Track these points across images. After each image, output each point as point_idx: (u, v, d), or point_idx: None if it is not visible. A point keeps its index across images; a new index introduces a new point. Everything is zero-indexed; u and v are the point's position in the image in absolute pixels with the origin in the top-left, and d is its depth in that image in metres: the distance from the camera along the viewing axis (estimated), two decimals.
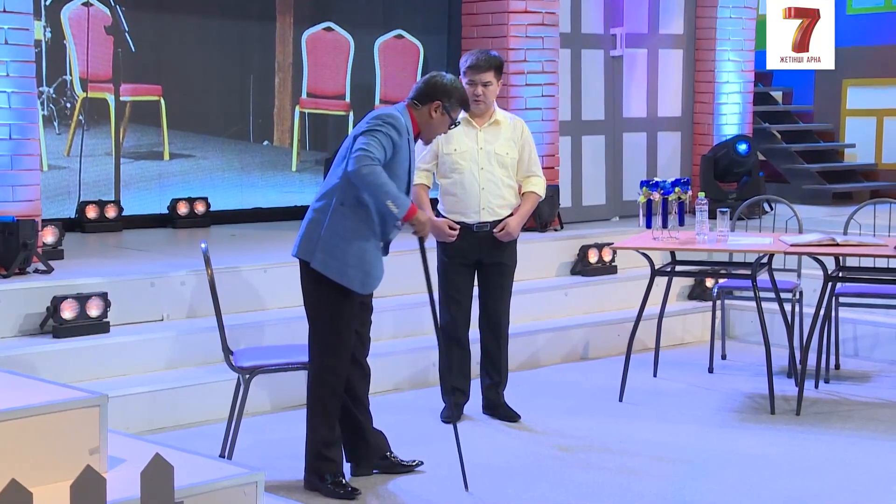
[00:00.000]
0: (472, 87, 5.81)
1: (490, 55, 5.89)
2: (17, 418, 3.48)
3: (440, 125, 5.11)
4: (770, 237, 6.66)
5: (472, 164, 5.87)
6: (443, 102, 5.04)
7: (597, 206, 9.55)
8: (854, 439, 5.80)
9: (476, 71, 5.82)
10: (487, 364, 6.09)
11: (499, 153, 5.91)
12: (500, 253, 5.97)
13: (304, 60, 9.38)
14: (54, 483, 3.38)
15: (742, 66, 10.18)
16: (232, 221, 8.90)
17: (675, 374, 7.11)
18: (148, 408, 5.82)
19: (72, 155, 8.41)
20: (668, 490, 5.01)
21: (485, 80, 5.82)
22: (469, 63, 5.85)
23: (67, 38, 8.34)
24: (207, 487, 3.49)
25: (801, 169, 11.58)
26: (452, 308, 5.96)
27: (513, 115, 6.18)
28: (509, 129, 5.96)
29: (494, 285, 6.02)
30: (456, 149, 5.86)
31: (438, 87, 5.06)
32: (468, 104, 5.20)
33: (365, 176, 4.74)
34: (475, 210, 5.88)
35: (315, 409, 4.94)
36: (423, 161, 5.89)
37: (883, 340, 7.52)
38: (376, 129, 4.83)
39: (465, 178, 5.87)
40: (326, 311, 4.89)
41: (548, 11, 8.71)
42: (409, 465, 5.21)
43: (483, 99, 5.85)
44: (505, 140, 5.94)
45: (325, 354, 4.92)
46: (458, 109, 5.12)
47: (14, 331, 6.03)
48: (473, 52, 5.96)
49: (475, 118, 5.90)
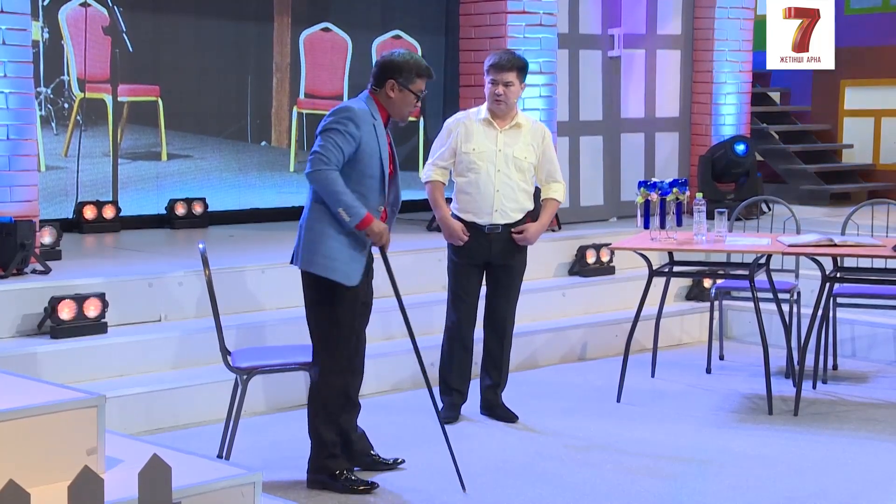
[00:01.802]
0: (493, 86, 5.78)
1: (514, 55, 5.85)
2: (15, 419, 3.48)
3: (403, 103, 4.99)
4: (768, 238, 6.66)
5: (490, 165, 5.84)
6: (396, 79, 4.93)
7: (595, 206, 9.55)
8: (852, 440, 5.80)
9: (498, 70, 5.77)
10: (489, 364, 6.08)
11: (517, 157, 5.87)
12: (511, 256, 5.96)
13: (301, 61, 9.37)
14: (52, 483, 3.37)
15: (740, 66, 10.18)
16: (230, 222, 8.90)
17: (673, 375, 7.11)
18: (146, 408, 5.82)
19: (69, 155, 8.41)
20: (666, 490, 5.01)
21: (506, 79, 5.77)
22: (492, 62, 5.80)
23: (65, 38, 8.33)
24: (205, 488, 3.48)
25: (799, 169, 11.59)
26: (460, 308, 5.94)
27: (536, 119, 6.15)
28: (530, 133, 5.92)
29: (503, 286, 6.00)
30: (474, 148, 5.83)
31: (387, 65, 4.96)
32: (426, 72, 4.99)
33: (319, 181, 4.77)
34: (488, 211, 5.86)
35: (319, 410, 4.95)
36: (442, 158, 5.88)
37: (880, 341, 7.52)
38: (332, 129, 4.81)
39: (481, 179, 5.84)
40: (326, 312, 4.89)
41: (545, 12, 8.72)
42: (391, 464, 5.20)
43: (504, 99, 5.79)
44: (524, 144, 5.89)
45: (329, 356, 4.91)
46: (416, 82, 4.97)
47: (12, 331, 6.02)
48: (498, 50, 5.94)
49: (496, 119, 5.85)
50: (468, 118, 5.93)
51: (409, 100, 4.99)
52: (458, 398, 6.02)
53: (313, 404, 4.98)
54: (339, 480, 4.92)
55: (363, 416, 5.21)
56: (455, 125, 5.92)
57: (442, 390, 6.00)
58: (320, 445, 4.95)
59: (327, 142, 4.78)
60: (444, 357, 6.02)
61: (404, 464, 5.23)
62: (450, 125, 5.95)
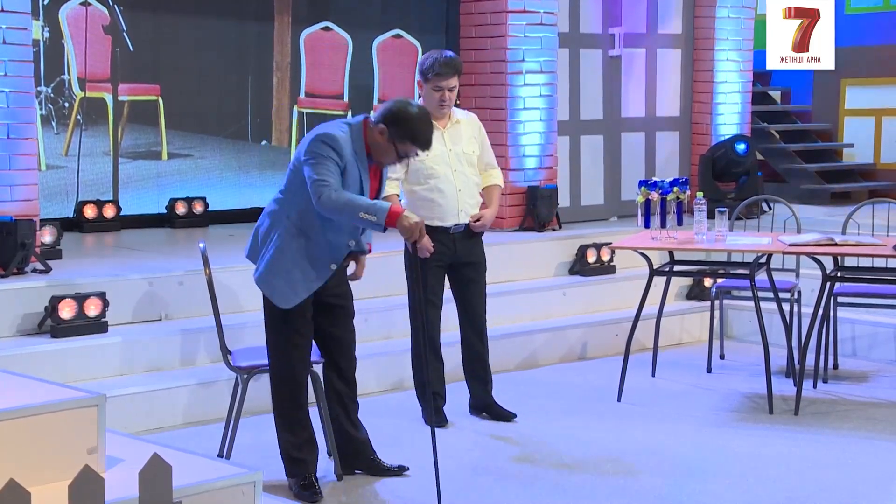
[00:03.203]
0: (437, 92, 5.74)
1: (453, 60, 5.76)
2: (16, 418, 3.48)
3: (384, 152, 4.78)
4: (768, 237, 6.66)
5: (446, 167, 5.81)
6: (389, 129, 4.73)
7: (595, 205, 9.55)
8: (852, 439, 5.80)
9: (442, 78, 5.72)
10: (475, 364, 6.05)
11: (466, 152, 5.89)
12: (474, 252, 5.95)
13: (302, 60, 9.37)
14: (53, 483, 3.37)
15: (740, 65, 10.18)
16: (230, 221, 8.89)
17: (674, 374, 7.11)
18: (146, 407, 5.82)
19: (70, 154, 8.40)
20: (666, 490, 5.01)
21: (451, 85, 5.76)
22: (436, 71, 5.70)
23: (65, 37, 8.33)
24: (205, 487, 3.48)
25: (800, 169, 11.58)
26: (430, 311, 5.81)
27: (464, 111, 6.13)
28: (468, 126, 5.94)
29: (473, 283, 5.97)
30: (427, 154, 5.62)
31: (393, 109, 4.76)
32: (422, 144, 4.80)
33: (329, 205, 4.61)
34: (454, 213, 5.82)
35: (276, 415, 4.97)
36: (394, 171, 5.65)
37: (881, 340, 7.52)
38: (317, 156, 4.66)
39: (442, 183, 5.80)
40: (274, 321, 4.89)
41: (546, 11, 8.71)
42: (395, 471, 5.17)
43: (448, 103, 5.80)
44: (468, 139, 5.92)
45: (279, 362, 4.92)
46: (407, 144, 4.76)
47: (12, 330, 6.03)
48: (435, 57, 5.75)
49: (438, 120, 5.76)
50: None
51: (391, 153, 4.79)
52: (441, 402, 5.99)
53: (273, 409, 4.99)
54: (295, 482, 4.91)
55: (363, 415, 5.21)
56: None
57: (423, 396, 5.90)
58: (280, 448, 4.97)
59: (319, 167, 4.64)
60: (421, 362, 5.81)
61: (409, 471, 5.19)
62: None
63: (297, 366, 4.90)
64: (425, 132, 4.78)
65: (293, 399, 4.92)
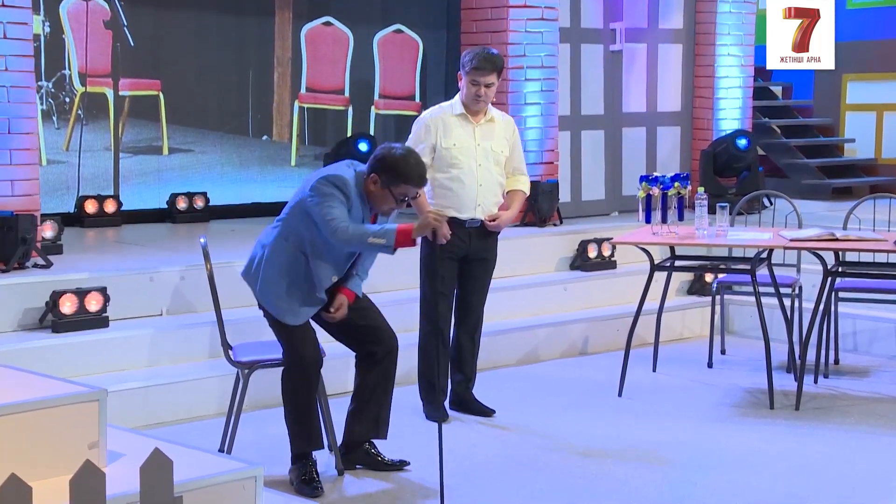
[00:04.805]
0: (474, 87, 5.79)
1: (494, 57, 5.81)
2: (17, 413, 3.48)
3: (382, 199, 4.80)
4: (769, 232, 6.65)
5: (471, 160, 5.84)
6: (381, 177, 4.75)
7: (596, 200, 9.55)
8: (853, 434, 5.80)
9: (480, 74, 5.77)
10: (462, 360, 6.03)
11: (494, 150, 5.89)
12: (487, 249, 5.95)
13: (303, 55, 9.37)
14: (54, 478, 3.37)
15: (742, 60, 10.17)
16: (231, 216, 8.90)
17: (675, 370, 7.11)
18: (147, 402, 5.82)
19: (71, 149, 8.41)
20: (667, 485, 5.01)
21: (488, 81, 5.79)
22: (474, 65, 5.76)
23: (66, 32, 8.33)
24: (207, 482, 3.48)
25: (801, 164, 11.57)
26: (440, 303, 5.84)
27: (503, 112, 6.16)
28: (502, 126, 5.96)
29: (478, 281, 5.98)
30: (455, 143, 5.83)
31: (380, 159, 4.78)
32: (416, 181, 4.81)
33: (345, 234, 4.66)
34: (471, 206, 5.84)
35: (284, 405, 5.00)
36: (422, 154, 5.83)
37: (882, 335, 7.52)
38: (325, 195, 4.70)
39: (464, 175, 5.83)
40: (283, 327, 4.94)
41: (547, 6, 8.71)
42: (396, 466, 5.18)
43: (485, 99, 5.83)
44: (499, 138, 5.92)
45: (288, 354, 4.95)
46: (401, 186, 4.76)
47: (13, 325, 6.03)
48: (476, 52, 5.83)
49: (471, 114, 5.87)
50: (444, 113, 5.89)
51: (389, 199, 4.81)
52: (443, 397, 5.99)
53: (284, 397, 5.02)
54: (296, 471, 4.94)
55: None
56: (433, 121, 5.86)
57: (427, 392, 5.93)
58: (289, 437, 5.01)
59: (327, 204, 4.69)
60: (429, 357, 5.88)
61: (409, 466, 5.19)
62: (427, 121, 5.87)
63: (308, 357, 4.93)
64: (416, 170, 4.81)
65: (303, 390, 4.94)
